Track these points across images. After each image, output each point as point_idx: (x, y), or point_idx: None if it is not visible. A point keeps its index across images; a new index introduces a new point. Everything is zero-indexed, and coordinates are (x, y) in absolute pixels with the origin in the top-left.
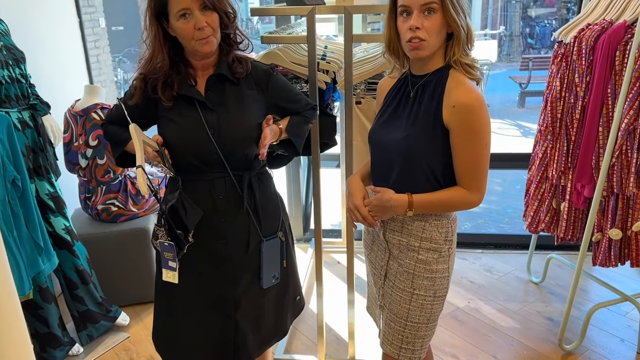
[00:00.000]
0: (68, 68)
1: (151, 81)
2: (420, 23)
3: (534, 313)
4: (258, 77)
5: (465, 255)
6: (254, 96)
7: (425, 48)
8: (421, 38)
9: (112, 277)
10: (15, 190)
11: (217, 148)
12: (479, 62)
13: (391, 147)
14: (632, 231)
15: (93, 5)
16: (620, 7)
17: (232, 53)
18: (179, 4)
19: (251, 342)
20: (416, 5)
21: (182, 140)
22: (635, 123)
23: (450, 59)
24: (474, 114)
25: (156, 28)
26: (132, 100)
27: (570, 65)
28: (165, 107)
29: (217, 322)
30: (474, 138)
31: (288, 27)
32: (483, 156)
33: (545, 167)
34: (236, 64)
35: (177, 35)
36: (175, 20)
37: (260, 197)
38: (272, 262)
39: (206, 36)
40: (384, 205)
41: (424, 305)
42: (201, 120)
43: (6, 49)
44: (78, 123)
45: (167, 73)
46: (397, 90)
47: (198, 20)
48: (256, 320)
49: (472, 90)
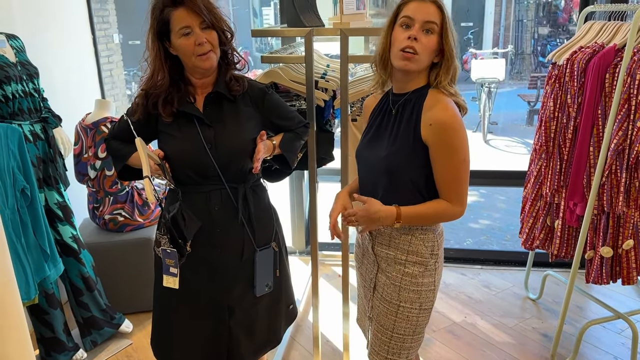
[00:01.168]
0: (81, 82)
1: (152, 97)
2: (419, 36)
3: (530, 329)
4: (254, 95)
5: (465, 270)
6: (249, 113)
7: (415, 61)
8: (415, 50)
9: (116, 285)
10: (25, 199)
11: (214, 161)
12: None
13: (376, 164)
14: (622, 249)
15: (108, 22)
16: (611, 31)
17: (230, 72)
18: (180, 22)
19: (244, 348)
20: (419, 20)
21: (181, 154)
22: (624, 143)
23: (432, 82)
24: (450, 131)
25: (158, 47)
26: (135, 117)
27: (563, 86)
28: (165, 122)
29: (212, 328)
30: (452, 154)
31: (290, 46)
32: (462, 171)
33: (540, 185)
34: (233, 82)
35: (178, 52)
36: (177, 37)
37: (254, 208)
38: (266, 271)
39: (206, 51)
40: (372, 216)
41: (409, 318)
42: (199, 136)
43: (21, 64)
44: (88, 135)
45: (167, 90)
46: (380, 108)
47: (198, 36)
48: (249, 327)
49: (448, 109)
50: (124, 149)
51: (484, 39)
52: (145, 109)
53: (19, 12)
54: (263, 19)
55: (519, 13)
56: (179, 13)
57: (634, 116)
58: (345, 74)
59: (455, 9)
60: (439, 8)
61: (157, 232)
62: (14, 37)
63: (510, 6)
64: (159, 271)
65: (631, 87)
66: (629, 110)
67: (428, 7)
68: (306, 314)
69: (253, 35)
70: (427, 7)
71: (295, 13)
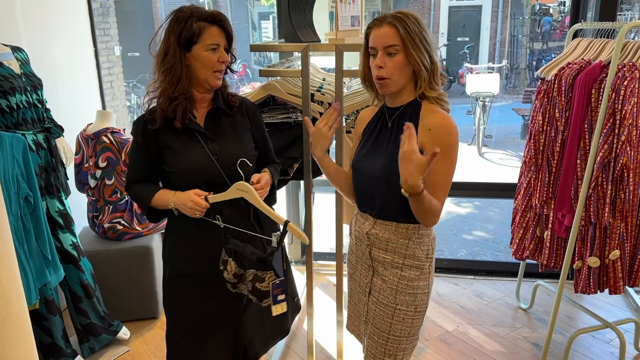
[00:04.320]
0: (82, 93)
1: (174, 103)
2: (383, 62)
3: (520, 338)
4: (247, 107)
5: (458, 280)
6: (245, 124)
7: (389, 85)
8: (384, 76)
9: (115, 293)
10: (28, 207)
11: (221, 170)
12: (482, 94)
13: (374, 175)
14: (609, 259)
15: (109, 34)
16: (597, 48)
17: (226, 90)
18: (213, 38)
19: (257, 340)
20: (380, 47)
21: (191, 168)
22: (610, 156)
23: (418, 92)
24: (448, 133)
25: (181, 54)
26: (155, 125)
27: (552, 101)
28: (166, 139)
29: (228, 325)
30: (445, 156)
31: (287, 60)
32: (449, 175)
33: (530, 196)
34: (230, 96)
35: (197, 63)
36: (203, 50)
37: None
38: (277, 264)
39: (222, 70)
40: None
41: (405, 320)
42: (204, 149)
43: (25, 76)
44: (89, 145)
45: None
46: (375, 122)
47: (222, 55)
48: (261, 320)
49: (446, 116)
50: (145, 191)
51: (479, 54)
52: (145, 128)
53: (23, 25)
54: (262, 31)
55: (514, 29)
56: (214, 30)
57: (618, 130)
58: (340, 88)
59: (452, 23)
60: (395, 27)
61: (255, 272)
62: (19, 50)
63: (505, 22)
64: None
65: (616, 102)
66: (614, 125)
67: (385, 32)
68: (301, 322)
69: (252, 50)
70: (385, 32)
71: (293, 29)
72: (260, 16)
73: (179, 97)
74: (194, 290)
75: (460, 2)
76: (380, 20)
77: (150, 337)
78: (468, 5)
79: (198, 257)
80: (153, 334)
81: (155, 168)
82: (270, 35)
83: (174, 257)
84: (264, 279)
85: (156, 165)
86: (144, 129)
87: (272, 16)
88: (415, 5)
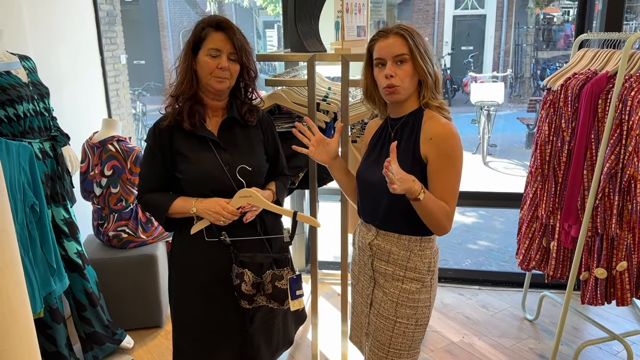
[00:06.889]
0: (89, 102)
1: (180, 102)
2: (393, 71)
3: (526, 349)
4: (262, 118)
5: (463, 291)
6: (258, 136)
7: (400, 92)
8: (395, 84)
9: (119, 301)
10: (34, 215)
11: (232, 181)
12: (487, 103)
13: (378, 184)
14: (616, 271)
15: (115, 43)
16: (604, 59)
17: (245, 106)
18: (214, 43)
19: (264, 352)
20: (389, 57)
21: (202, 176)
22: (617, 167)
23: (422, 101)
24: (449, 141)
25: (190, 58)
26: (165, 123)
27: (558, 111)
28: (179, 145)
29: (235, 336)
30: (449, 163)
31: (293, 70)
32: (457, 182)
33: (536, 207)
34: (248, 114)
35: (198, 68)
36: (204, 54)
37: (267, 219)
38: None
39: (223, 77)
40: (408, 177)
41: (406, 333)
42: (216, 158)
43: (32, 84)
44: (95, 154)
45: (192, 97)
46: (379, 133)
47: (222, 61)
48: (268, 332)
49: (445, 123)
50: (160, 201)
51: (484, 63)
52: (161, 135)
53: (31, 34)
54: (267, 40)
55: (519, 38)
56: (217, 36)
57: (625, 141)
58: (345, 97)
59: (456, 32)
60: (403, 37)
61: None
62: (26, 58)
63: (510, 31)
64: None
65: (623, 113)
66: (621, 135)
67: (393, 42)
68: (305, 332)
69: (258, 59)
70: (392, 42)
71: (299, 39)
72: (265, 24)
73: (181, 96)
74: (201, 300)
75: (464, 11)
76: (385, 32)
77: (154, 346)
78: (472, 14)
79: (205, 271)
80: (157, 343)
81: (169, 176)
82: (275, 44)
83: (182, 266)
84: (282, 277)
85: (170, 173)
86: (160, 135)
87: (277, 25)
88: (419, 14)
